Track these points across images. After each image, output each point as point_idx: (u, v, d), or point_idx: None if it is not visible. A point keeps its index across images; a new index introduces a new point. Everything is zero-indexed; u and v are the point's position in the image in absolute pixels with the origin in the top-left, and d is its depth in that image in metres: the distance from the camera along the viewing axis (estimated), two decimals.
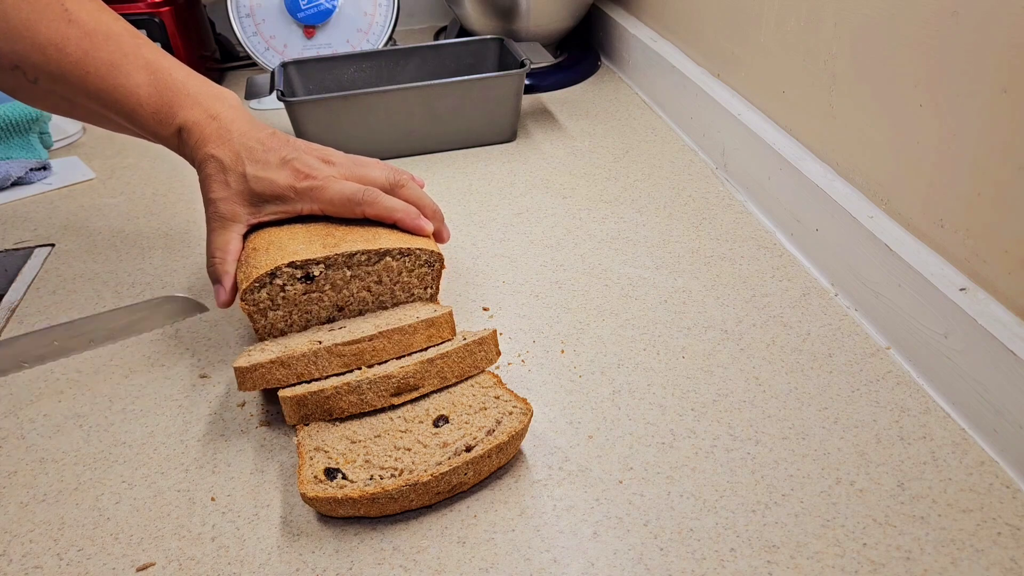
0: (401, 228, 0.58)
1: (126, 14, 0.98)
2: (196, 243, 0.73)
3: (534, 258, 0.69)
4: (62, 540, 0.45)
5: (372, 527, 0.45)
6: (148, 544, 0.45)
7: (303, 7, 1.00)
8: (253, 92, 0.85)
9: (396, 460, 0.45)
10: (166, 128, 0.57)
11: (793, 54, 0.69)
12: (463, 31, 1.11)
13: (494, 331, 0.52)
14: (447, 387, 0.51)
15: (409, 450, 0.46)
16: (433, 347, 0.52)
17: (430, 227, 0.58)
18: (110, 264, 0.71)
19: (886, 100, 0.58)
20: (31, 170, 0.84)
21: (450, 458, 0.45)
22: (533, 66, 0.87)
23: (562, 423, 0.52)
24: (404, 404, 0.49)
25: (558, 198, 0.78)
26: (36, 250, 0.74)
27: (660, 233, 0.71)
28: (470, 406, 0.49)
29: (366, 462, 0.46)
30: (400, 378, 0.49)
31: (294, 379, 0.49)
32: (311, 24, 1.01)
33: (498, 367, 0.56)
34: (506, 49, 0.91)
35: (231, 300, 0.56)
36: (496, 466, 0.47)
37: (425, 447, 0.46)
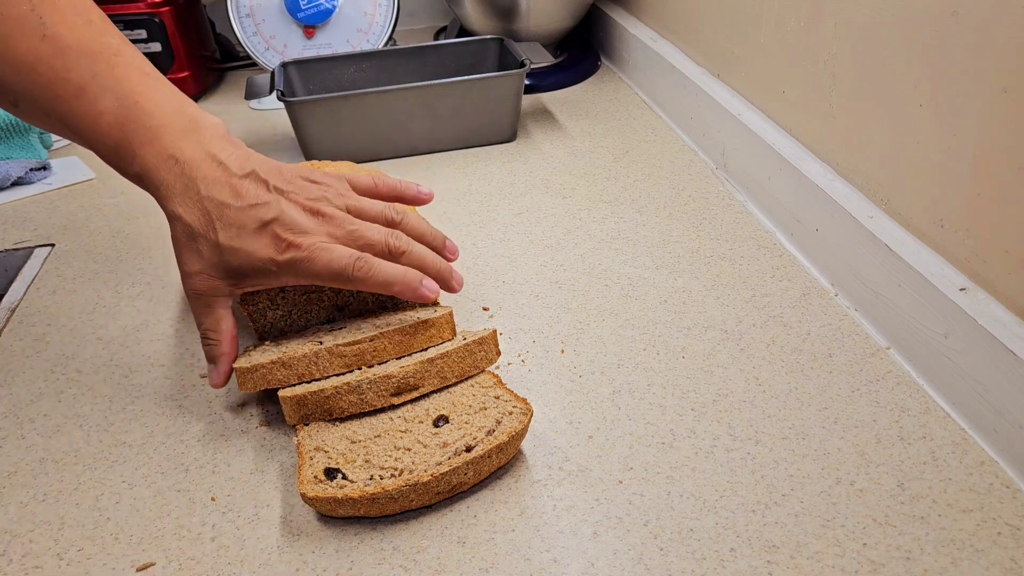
0: None
1: (126, 14, 0.98)
2: None
3: (534, 258, 0.69)
4: (62, 540, 0.45)
5: (372, 527, 0.45)
6: (148, 544, 0.45)
7: (303, 7, 1.00)
8: (253, 92, 0.85)
9: (396, 460, 0.45)
10: (126, 168, 0.50)
11: (793, 54, 0.69)
12: (463, 31, 1.11)
13: (494, 331, 0.52)
14: (447, 387, 0.51)
15: (409, 450, 0.46)
16: (433, 347, 0.52)
17: (433, 294, 0.51)
18: (110, 264, 0.71)
19: (886, 100, 0.58)
20: (31, 170, 0.84)
21: (450, 458, 0.45)
22: (533, 66, 0.87)
23: (562, 423, 0.52)
24: (404, 404, 0.49)
25: (558, 198, 0.78)
26: (36, 250, 0.74)
27: (660, 233, 0.71)
28: (470, 406, 0.49)
29: (366, 462, 0.46)
30: (400, 378, 0.49)
31: (295, 379, 0.49)
32: (311, 24, 1.01)
33: (498, 367, 0.56)
34: (506, 49, 0.92)
35: (225, 383, 0.52)
36: (496, 466, 0.47)
37: (425, 447, 0.46)
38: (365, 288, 0.50)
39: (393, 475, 0.44)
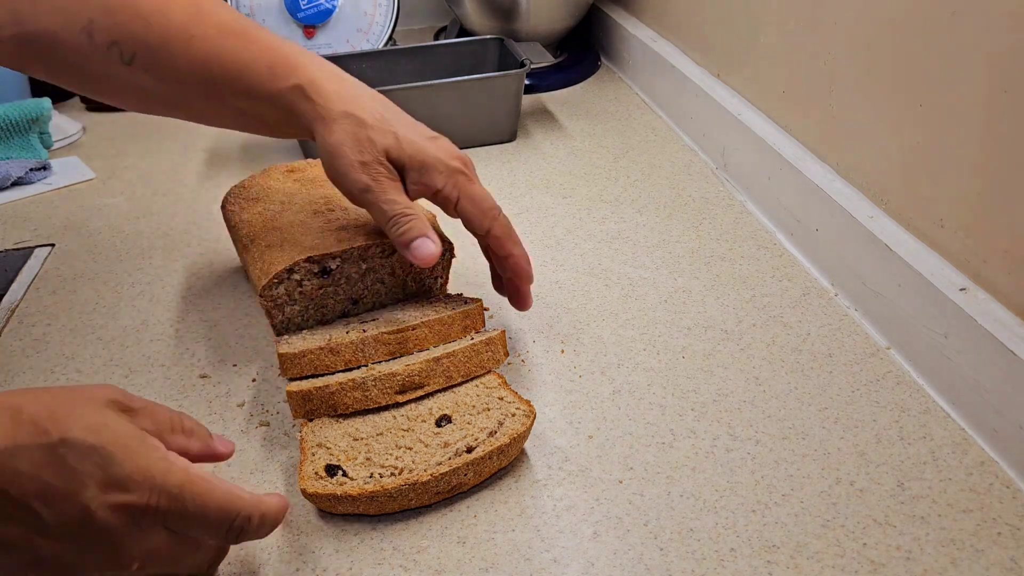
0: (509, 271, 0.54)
1: None
2: (196, 243, 0.73)
3: (534, 258, 0.68)
4: None
5: (372, 527, 0.45)
6: None
7: (303, 7, 1.00)
8: None
9: (397, 459, 0.45)
10: (282, 81, 0.52)
11: (793, 54, 0.69)
12: (463, 31, 1.11)
13: (502, 331, 0.52)
14: (451, 387, 0.51)
15: (410, 449, 0.46)
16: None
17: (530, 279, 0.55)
18: (110, 264, 0.71)
19: (886, 100, 0.58)
20: (31, 170, 0.84)
21: (451, 458, 0.45)
22: (533, 66, 0.87)
23: (562, 423, 0.52)
24: (408, 403, 0.50)
25: (558, 198, 0.78)
26: (36, 250, 0.73)
27: (660, 233, 0.71)
28: (473, 406, 0.49)
29: (367, 460, 0.46)
30: (405, 376, 0.49)
31: (342, 365, 0.50)
32: (311, 24, 1.01)
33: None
34: (506, 49, 0.91)
35: (440, 247, 0.52)
36: (497, 467, 0.47)
37: (426, 447, 0.46)
38: (495, 233, 0.53)
39: (393, 474, 0.45)
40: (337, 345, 0.50)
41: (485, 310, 0.62)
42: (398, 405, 0.49)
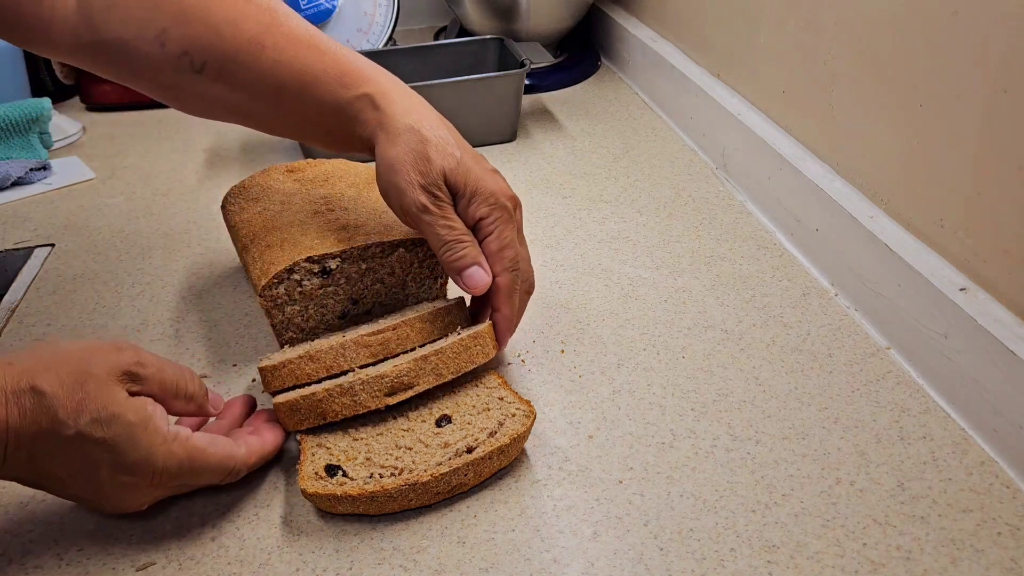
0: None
1: None
2: (196, 243, 0.73)
3: (534, 258, 0.68)
4: (62, 540, 0.45)
5: (372, 527, 0.45)
6: (148, 544, 0.45)
7: (303, 7, 1.00)
8: None
9: (397, 459, 0.45)
10: (352, 90, 0.52)
11: (793, 54, 0.69)
12: (463, 31, 1.11)
13: (489, 324, 0.52)
14: (451, 386, 0.50)
15: (410, 449, 0.46)
16: (429, 343, 0.52)
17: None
18: (110, 264, 0.71)
19: (886, 100, 0.58)
20: (31, 170, 0.84)
21: (451, 459, 0.45)
22: (533, 66, 0.87)
23: (562, 423, 0.52)
24: (407, 403, 0.49)
25: (558, 198, 0.78)
26: (36, 250, 0.73)
27: (660, 233, 0.71)
28: (473, 407, 0.49)
29: (367, 460, 0.46)
30: (394, 377, 0.48)
31: (323, 373, 0.49)
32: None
33: (498, 367, 0.56)
34: (506, 49, 0.91)
35: (488, 279, 0.52)
36: (497, 468, 0.47)
37: (426, 447, 0.46)
38: (524, 286, 0.54)
39: (393, 474, 0.44)
40: (316, 352, 0.49)
41: None
42: (399, 406, 0.49)
